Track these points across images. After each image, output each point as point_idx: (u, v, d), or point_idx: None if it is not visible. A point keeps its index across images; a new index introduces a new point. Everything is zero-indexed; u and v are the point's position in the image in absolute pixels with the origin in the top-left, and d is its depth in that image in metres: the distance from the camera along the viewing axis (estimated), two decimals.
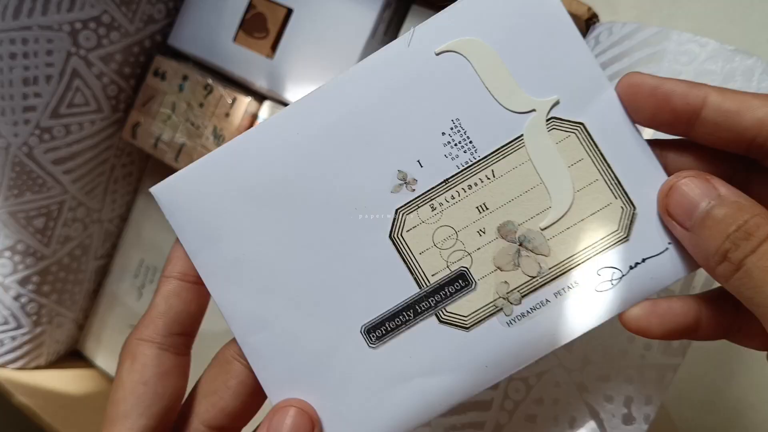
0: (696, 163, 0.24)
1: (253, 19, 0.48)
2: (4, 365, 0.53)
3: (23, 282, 0.51)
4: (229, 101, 0.47)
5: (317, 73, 0.46)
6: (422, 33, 0.24)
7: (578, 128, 0.24)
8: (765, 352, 0.24)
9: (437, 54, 0.24)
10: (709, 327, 0.24)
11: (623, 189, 0.24)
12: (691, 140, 0.23)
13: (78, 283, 0.55)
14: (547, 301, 0.24)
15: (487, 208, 0.24)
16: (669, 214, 0.23)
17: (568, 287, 0.24)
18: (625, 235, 0.23)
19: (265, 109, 0.48)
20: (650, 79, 0.23)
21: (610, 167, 0.24)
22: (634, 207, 0.24)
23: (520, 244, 0.24)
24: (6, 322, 0.52)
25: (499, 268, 0.24)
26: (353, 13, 0.45)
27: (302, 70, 0.46)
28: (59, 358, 0.58)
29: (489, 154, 0.24)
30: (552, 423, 0.31)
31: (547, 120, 0.24)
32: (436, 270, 0.24)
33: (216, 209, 0.25)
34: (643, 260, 0.23)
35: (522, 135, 0.24)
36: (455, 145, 0.24)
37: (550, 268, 0.24)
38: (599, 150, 0.24)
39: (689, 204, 0.22)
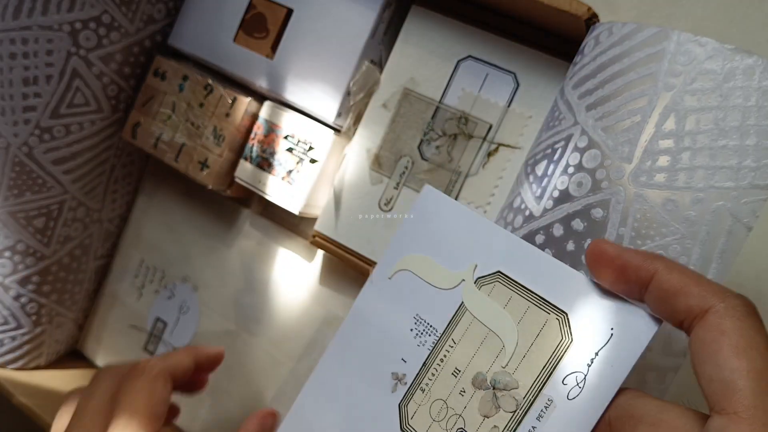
0: None
1: (253, 19, 0.48)
2: (4, 365, 0.53)
3: (23, 282, 0.51)
4: (229, 101, 0.47)
5: (317, 73, 0.46)
6: (378, 269, 0.32)
7: (498, 276, 0.29)
8: None
9: (390, 278, 0.31)
10: None
11: (550, 303, 0.27)
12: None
13: (78, 283, 0.55)
14: (533, 428, 0.26)
15: (459, 371, 0.28)
16: None
17: (545, 407, 0.26)
18: (570, 340, 0.26)
19: (265, 109, 0.48)
20: (611, 249, 0.26)
21: (532, 292, 0.27)
22: (565, 312, 0.27)
23: (494, 388, 0.27)
24: (6, 322, 0.52)
25: (485, 416, 0.27)
26: (353, 13, 0.45)
27: (302, 70, 0.46)
28: (59, 358, 0.58)
29: (446, 328, 0.29)
30: None
31: (475, 282, 0.29)
32: None
33: None
34: (596, 353, 0.25)
35: (462, 302, 0.29)
36: (421, 333, 0.30)
37: (524, 397, 0.26)
38: (519, 283, 0.28)
39: None
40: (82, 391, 0.40)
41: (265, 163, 0.47)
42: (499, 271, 0.29)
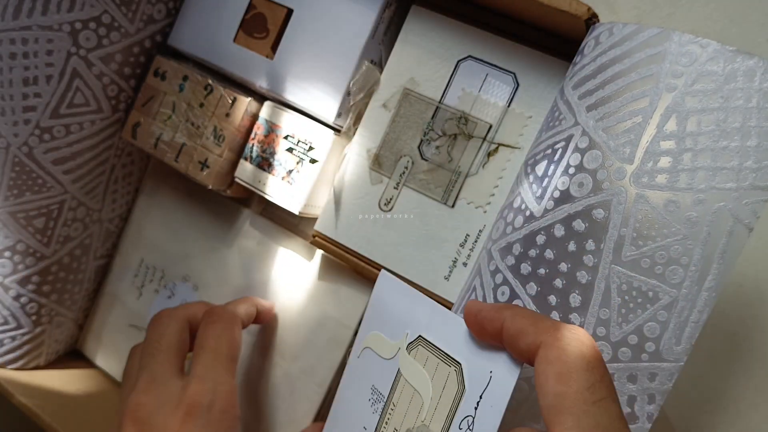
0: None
1: (253, 19, 0.48)
2: (3, 365, 0.53)
3: (23, 282, 0.51)
4: (230, 101, 0.47)
5: (317, 73, 0.46)
6: (353, 351, 0.36)
7: (420, 340, 0.32)
8: None
9: (358, 357, 0.36)
10: None
11: (450, 357, 0.30)
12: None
13: (78, 283, 0.55)
14: None
15: (397, 430, 0.32)
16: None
17: None
18: (462, 387, 0.29)
19: (265, 109, 0.48)
20: (474, 307, 0.29)
21: (440, 349, 0.31)
22: (460, 363, 0.30)
23: None
24: (6, 322, 0.52)
25: None
26: (353, 13, 0.45)
27: (302, 70, 0.46)
28: (59, 358, 0.58)
29: (389, 393, 0.33)
30: None
31: (407, 348, 0.33)
32: None
33: None
34: (480, 396, 0.28)
35: (399, 368, 0.33)
36: (375, 401, 0.34)
37: None
38: (433, 344, 0.31)
39: None
40: (146, 340, 0.43)
41: (265, 163, 0.47)
42: (420, 336, 0.32)
